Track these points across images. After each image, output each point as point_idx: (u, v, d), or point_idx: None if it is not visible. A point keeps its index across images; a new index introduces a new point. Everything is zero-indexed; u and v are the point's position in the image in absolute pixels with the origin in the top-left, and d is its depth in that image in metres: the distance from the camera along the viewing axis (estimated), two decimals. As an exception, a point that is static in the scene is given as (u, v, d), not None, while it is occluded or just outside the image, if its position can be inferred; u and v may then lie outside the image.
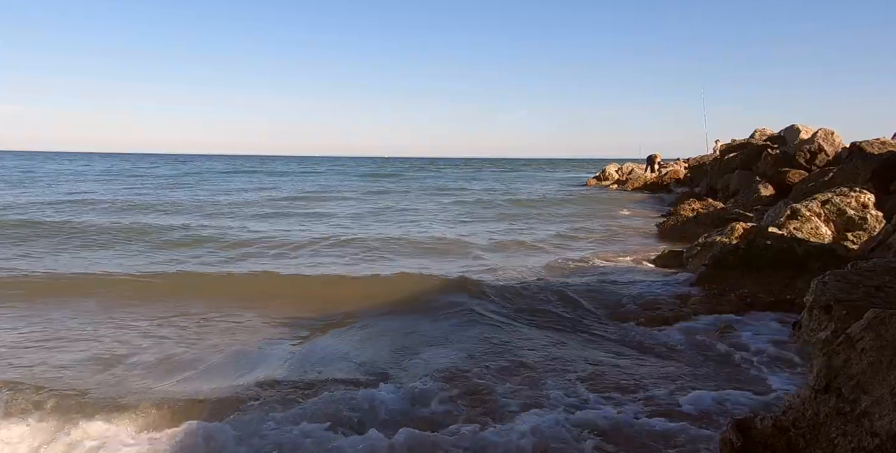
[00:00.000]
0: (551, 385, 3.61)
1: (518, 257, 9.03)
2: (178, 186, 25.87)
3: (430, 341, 4.65)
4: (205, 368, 4.11)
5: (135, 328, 5.02)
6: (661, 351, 4.40)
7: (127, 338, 4.73)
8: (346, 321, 5.25)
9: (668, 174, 23.83)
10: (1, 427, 2.99)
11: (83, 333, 4.85)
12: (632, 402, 3.34)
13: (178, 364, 4.18)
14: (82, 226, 11.05)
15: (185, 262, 8.11)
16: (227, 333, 4.93)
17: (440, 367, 3.92)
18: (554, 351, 4.35)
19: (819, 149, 14.17)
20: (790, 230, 7.04)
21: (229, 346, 4.55)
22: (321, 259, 8.66)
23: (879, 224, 7.14)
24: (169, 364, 4.18)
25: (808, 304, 4.30)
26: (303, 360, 4.21)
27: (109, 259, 8.33)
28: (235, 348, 4.51)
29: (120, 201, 17.16)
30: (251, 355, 4.36)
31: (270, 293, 6.31)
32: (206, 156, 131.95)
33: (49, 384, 3.57)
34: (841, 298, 3.99)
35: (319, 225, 12.91)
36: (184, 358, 4.29)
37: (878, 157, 9.58)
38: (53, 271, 7.07)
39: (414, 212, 16.51)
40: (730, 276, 6.19)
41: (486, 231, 12.21)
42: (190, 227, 11.54)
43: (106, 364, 4.13)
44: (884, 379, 1.91)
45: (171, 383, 3.82)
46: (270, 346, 4.58)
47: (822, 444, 2.01)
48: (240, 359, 4.27)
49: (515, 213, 16.27)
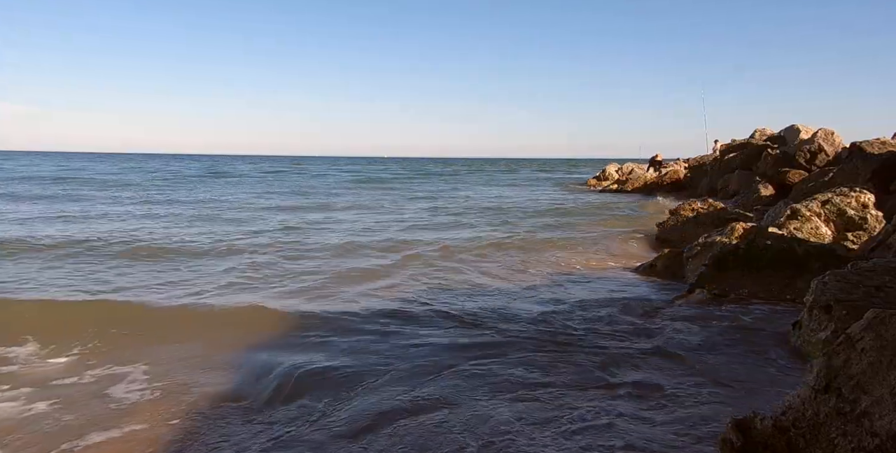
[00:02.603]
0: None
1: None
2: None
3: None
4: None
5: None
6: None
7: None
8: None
9: (668, 174, 23.82)
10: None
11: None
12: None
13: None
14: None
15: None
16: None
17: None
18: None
19: (819, 149, 14.18)
20: (790, 230, 7.04)
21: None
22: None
23: (879, 224, 7.14)
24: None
25: (808, 304, 4.30)
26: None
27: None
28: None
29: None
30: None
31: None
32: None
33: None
34: (841, 298, 3.99)
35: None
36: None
37: (878, 157, 9.59)
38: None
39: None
40: (730, 276, 6.19)
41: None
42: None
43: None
44: (884, 379, 1.91)
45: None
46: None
47: (822, 444, 2.01)
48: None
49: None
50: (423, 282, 6.86)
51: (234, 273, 7.25)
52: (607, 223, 13.40)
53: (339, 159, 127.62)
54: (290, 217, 14.21)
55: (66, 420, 3.26)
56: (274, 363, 4.04)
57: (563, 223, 13.51)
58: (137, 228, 11.32)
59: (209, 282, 6.71)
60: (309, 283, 6.74)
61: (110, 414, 3.35)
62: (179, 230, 11.31)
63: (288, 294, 6.25)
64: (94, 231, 10.55)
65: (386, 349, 4.38)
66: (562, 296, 6.16)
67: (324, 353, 4.28)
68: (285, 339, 4.64)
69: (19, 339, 4.48)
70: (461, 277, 7.20)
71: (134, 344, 4.54)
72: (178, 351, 4.37)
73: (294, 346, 4.46)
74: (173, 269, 7.49)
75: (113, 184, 26.39)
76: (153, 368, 4.02)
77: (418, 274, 7.35)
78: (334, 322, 5.07)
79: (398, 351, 4.33)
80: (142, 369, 4.01)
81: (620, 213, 15.71)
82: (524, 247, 9.60)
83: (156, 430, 3.13)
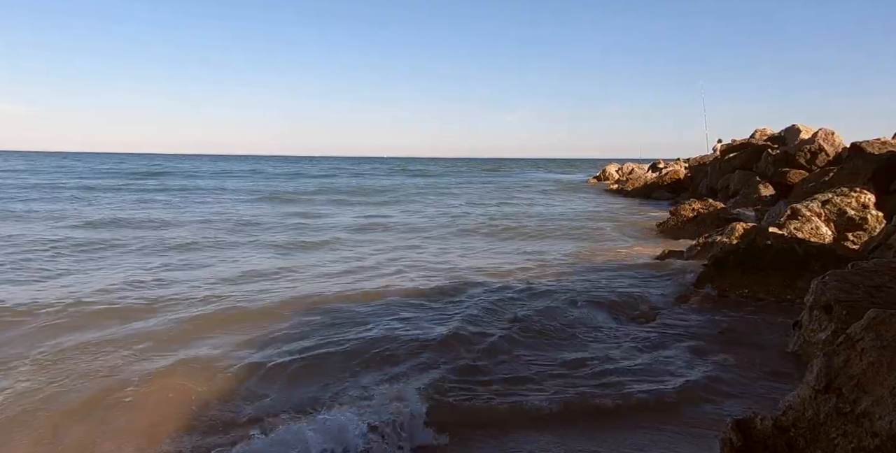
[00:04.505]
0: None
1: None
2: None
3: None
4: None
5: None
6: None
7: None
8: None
9: (669, 174, 23.82)
10: None
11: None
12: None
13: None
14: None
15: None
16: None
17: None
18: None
19: (819, 149, 14.18)
20: (790, 230, 7.04)
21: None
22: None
23: (879, 224, 7.15)
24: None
25: (808, 304, 4.30)
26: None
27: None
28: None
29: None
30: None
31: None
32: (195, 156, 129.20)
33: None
34: (841, 298, 3.99)
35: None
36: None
37: (879, 157, 9.59)
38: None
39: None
40: (730, 276, 6.19)
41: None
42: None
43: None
44: (884, 379, 1.91)
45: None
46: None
47: (823, 444, 2.01)
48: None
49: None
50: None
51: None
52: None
53: (343, 159, 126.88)
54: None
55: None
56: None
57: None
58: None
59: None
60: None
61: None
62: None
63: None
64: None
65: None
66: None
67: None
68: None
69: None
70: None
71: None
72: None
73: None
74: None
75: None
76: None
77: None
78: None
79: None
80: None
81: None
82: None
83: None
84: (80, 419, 3.27)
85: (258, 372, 3.95)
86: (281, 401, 3.53)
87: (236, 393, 3.63)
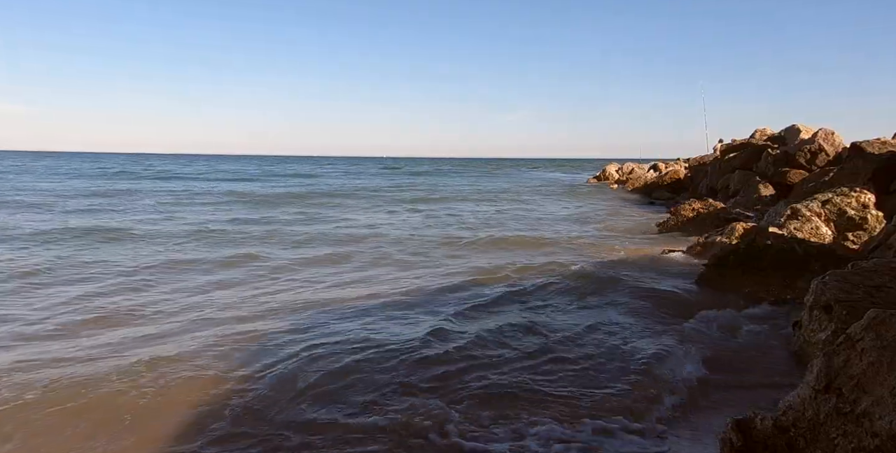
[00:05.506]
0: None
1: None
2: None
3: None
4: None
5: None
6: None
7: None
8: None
9: (669, 174, 23.81)
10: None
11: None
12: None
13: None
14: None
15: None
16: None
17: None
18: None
19: (819, 149, 14.17)
20: (790, 230, 7.04)
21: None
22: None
23: (879, 224, 7.15)
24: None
25: (808, 304, 4.30)
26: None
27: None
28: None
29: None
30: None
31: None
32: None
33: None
34: (841, 298, 3.99)
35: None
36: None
37: (879, 157, 9.58)
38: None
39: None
40: (730, 276, 6.19)
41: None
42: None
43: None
44: (884, 379, 1.91)
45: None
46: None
47: (823, 444, 2.01)
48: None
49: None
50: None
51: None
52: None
53: (340, 160, 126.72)
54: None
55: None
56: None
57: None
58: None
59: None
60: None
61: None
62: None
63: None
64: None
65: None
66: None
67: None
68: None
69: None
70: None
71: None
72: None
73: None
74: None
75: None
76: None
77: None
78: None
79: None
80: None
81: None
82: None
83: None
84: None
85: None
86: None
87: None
